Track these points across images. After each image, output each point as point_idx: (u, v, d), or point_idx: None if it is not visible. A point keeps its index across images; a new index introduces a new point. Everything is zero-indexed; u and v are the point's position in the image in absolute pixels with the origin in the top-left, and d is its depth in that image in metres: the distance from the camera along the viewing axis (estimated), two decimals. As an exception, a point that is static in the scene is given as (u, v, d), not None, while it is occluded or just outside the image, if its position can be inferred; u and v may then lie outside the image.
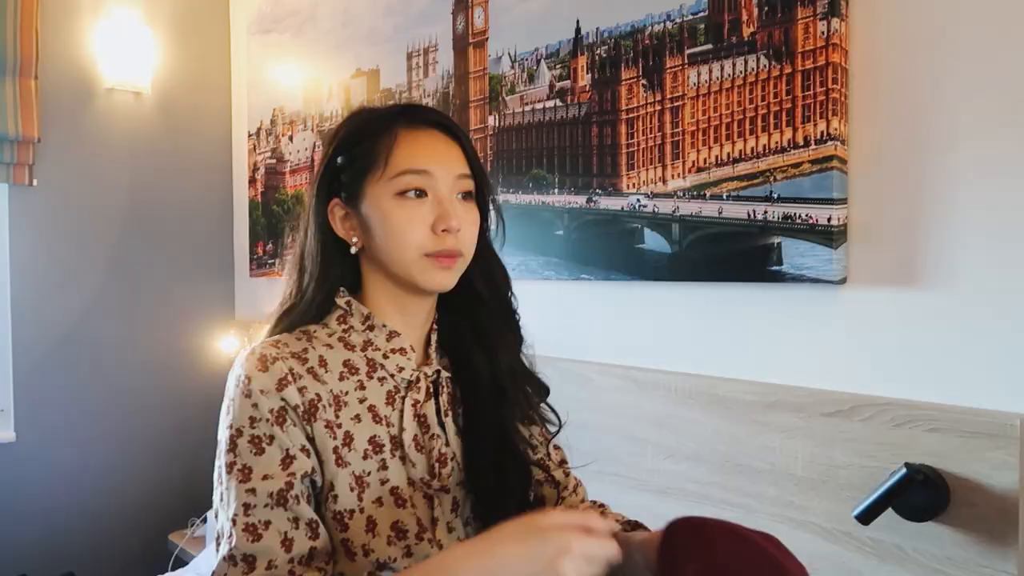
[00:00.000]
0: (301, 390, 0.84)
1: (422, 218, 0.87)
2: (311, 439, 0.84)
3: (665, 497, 1.57)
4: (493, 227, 0.98)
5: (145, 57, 2.76)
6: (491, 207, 0.96)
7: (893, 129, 1.27)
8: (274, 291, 2.80)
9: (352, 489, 0.85)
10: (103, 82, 2.71)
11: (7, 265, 2.56)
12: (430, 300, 0.95)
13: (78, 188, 2.69)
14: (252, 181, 2.91)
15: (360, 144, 0.89)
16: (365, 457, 0.87)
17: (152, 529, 2.80)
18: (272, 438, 0.81)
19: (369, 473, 0.86)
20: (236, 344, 2.87)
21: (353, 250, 0.91)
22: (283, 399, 0.82)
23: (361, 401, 0.88)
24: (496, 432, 0.94)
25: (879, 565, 1.27)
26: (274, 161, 2.79)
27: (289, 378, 0.83)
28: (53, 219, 2.64)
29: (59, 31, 2.63)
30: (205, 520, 2.64)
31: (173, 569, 2.56)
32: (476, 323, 0.97)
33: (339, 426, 0.86)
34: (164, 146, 2.87)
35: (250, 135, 2.91)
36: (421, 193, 0.87)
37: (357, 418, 0.87)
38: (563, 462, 1.08)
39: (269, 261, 2.83)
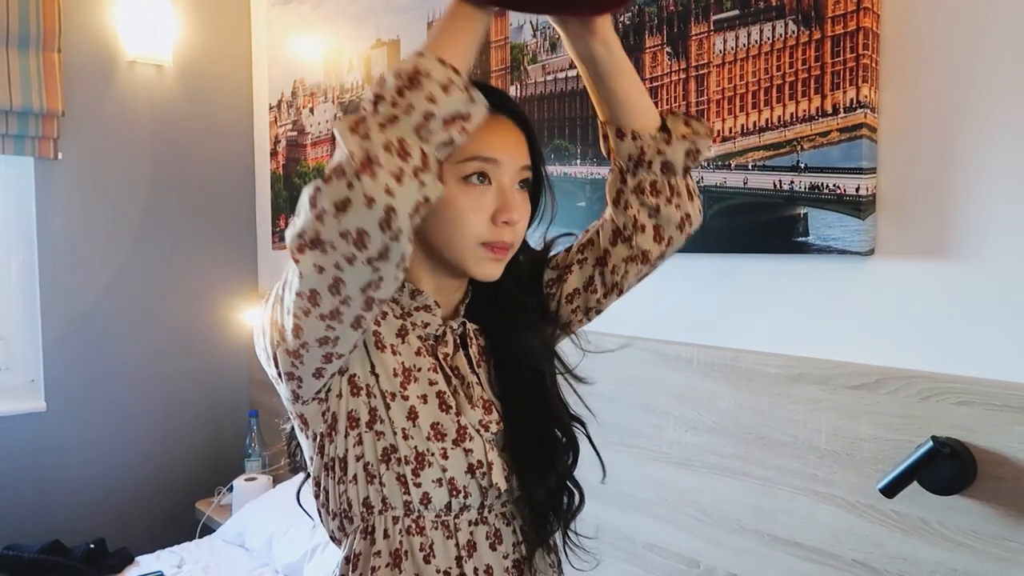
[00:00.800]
0: None
1: (484, 206, 0.86)
2: None
3: (686, 469, 1.57)
4: (538, 218, 0.97)
5: (166, 30, 2.76)
6: (546, 196, 0.96)
7: (925, 96, 1.24)
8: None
9: (396, 375, 0.86)
10: (125, 55, 2.71)
11: (35, 237, 2.60)
12: (464, 276, 0.94)
13: (102, 161, 2.71)
14: (273, 154, 2.92)
15: None
16: (418, 353, 0.88)
17: (180, 497, 2.86)
18: None
19: (419, 369, 0.88)
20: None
21: None
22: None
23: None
24: (537, 409, 0.94)
25: (903, 538, 1.26)
26: (295, 133, 2.79)
27: None
28: (78, 192, 2.66)
29: (81, 4, 2.63)
30: (231, 489, 2.69)
31: (200, 536, 2.62)
32: (509, 302, 0.96)
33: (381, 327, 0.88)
34: (186, 119, 2.88)
35: (271, 107, 2.91)
36: (484, 178, 0.86)
37: (393, 342, 0.88)
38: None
39: (291, 234, 2.83)
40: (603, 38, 0.87)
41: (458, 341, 0.94)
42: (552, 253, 1.02)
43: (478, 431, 0.88)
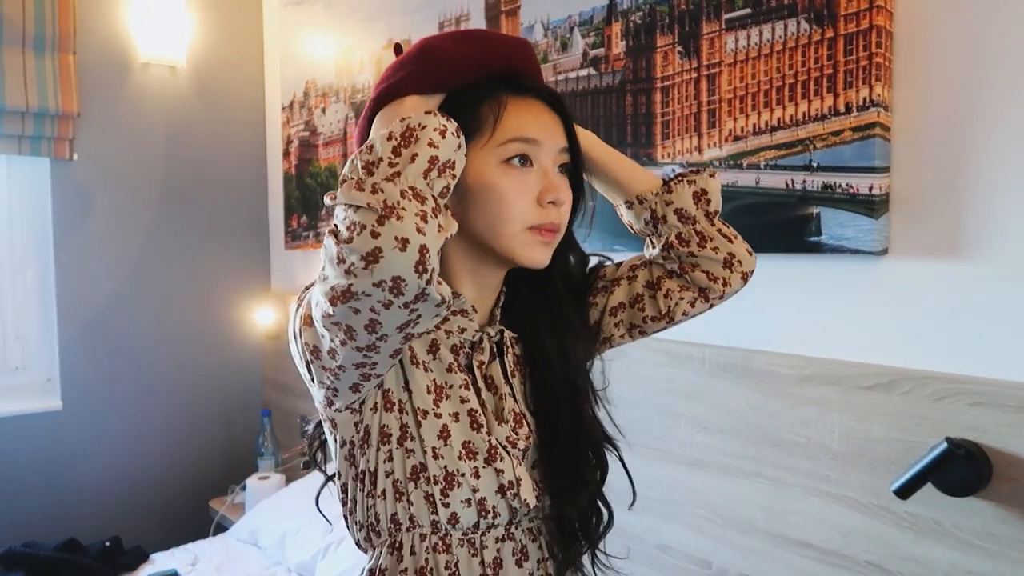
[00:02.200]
0: None
1: (529, 188, 0.84)
2: None
3: (697, 470, 1.57)
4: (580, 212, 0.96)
5: (179, 31, 2.78)
6: (586, 187, 0.95)
7: (938, 95, 1.23)
8: (310, 264, 2.84)
9: (429, 392, 0.85)
10: (139, 56, 2.74)
11: (50, 238, 2.62)
12: (504, 270, 0.92)
13: (117, 162, 2.73)
14: (286, 154, 2.93)
15: (464, 108, 0.85)
16: (449, 370, 0.87)
17: (194, 496, 2.88)
18: None
19: (451, 387, 0.87)
20: (272, 316, 2.92)
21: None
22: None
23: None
24: (570, 423, 0.92)
25: (916, 540, 1.25)
26: (307, 134, 2.80)
27: None
28: (93, 192, 2.68)
29: (96, 6, 2.66)
30: (244, 488, 2.70)
31: (214, 535, 2.63)
32: (550, 307, 0.95)
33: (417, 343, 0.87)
34: (199, 120, 2.90)
35: (283, 108, 2.92)
36: (526, 161, 0.84)
37: (426, 358, 0.87)
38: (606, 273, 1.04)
39: (304, 234, 2.85)
40: (582, 142, 0.92)
41: (494, 349, 0.92)
42: (592, 266, 1.02)
43: (505, 447, 0.87)
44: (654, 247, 0.99)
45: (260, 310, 2.93)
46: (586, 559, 0.97)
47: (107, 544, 2.40)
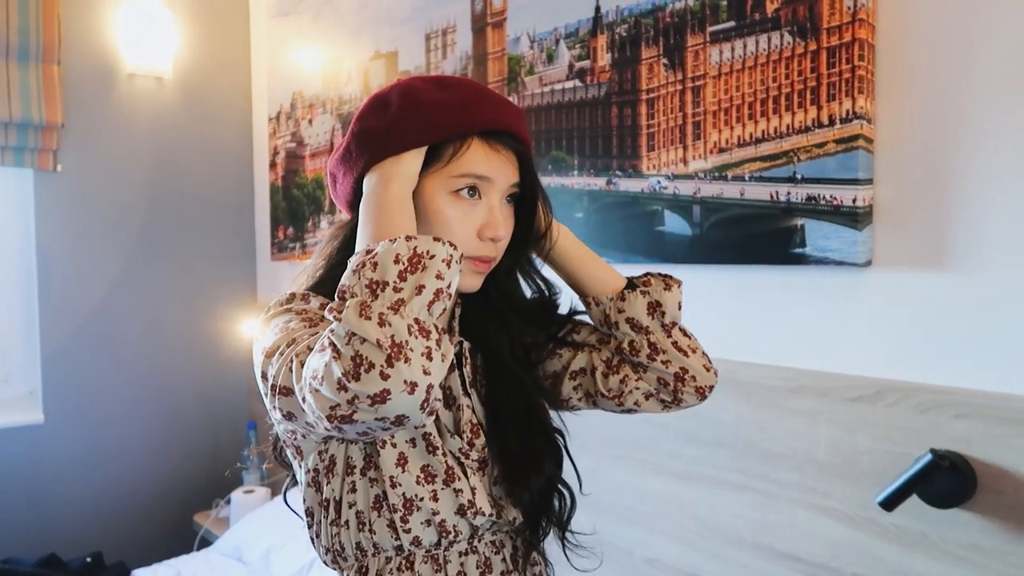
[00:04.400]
0: None
1: (473, 220, 0.86)
2: None
3: (685, 482, 1.56)
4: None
5: (166, 42, 2.77)
6: (540, 212, 0.95)
7: (921, 107, 1.24)
8: (296, 275, 2.82)
9: None
10: (125, 67, 2.72)
11: (33, 249, 2.60)
12: None
13: (101, 173, 2.71)
14: (272, 165, 2.92)
15: None
16: None
17: (178, 510, 2.84)
18: (323, 318, 0.80)
19: None
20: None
21: None
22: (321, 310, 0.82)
23: None
24: (518, 404, 0.94)
25: (902, 552, 1.25)
26: (294, 145, 2.79)
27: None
28: (77, 204, 2.66)
29: (81, 17, 2.64)
30: (229, 502, 2.67)
31: (198, 549, 2.60)
32: (504, 313, 0.97)
33: None
34: (185, 131, 2.88)
35: (270, 119, 2.91)
36: (474, 192, 0.87)
37: None
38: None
39: (290, 245, 2.84)
40: (563, 237, 0.97)
41: (453, 361, 0.93)
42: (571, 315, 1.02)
43: (459, 459, 0.88)
44: (611, 346, 0.98)
45: (246, 322, 2.91)
46: (557, 544, 0.98)
47: (88, 560, 2.37)
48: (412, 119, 0.84)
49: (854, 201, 1.28)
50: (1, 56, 2.42)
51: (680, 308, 0.97)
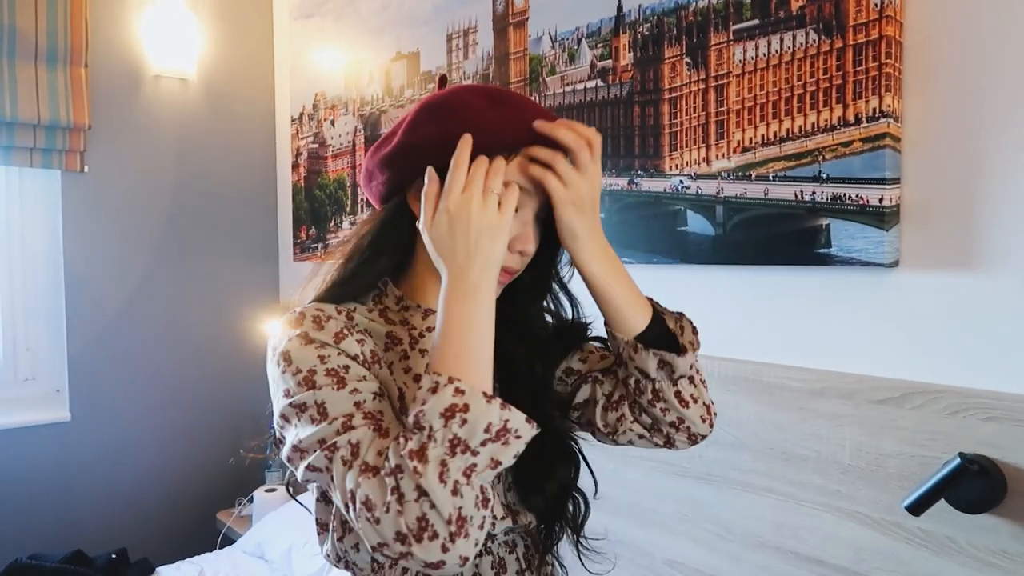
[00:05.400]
0: (359, 341, 0.83)
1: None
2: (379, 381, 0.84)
3: (707, 484, 1.55)
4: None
5: (190, 44, 2.80)
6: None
7: (949, 106, 1.22)
8: (310, 272, 2.83)
9: None
10: (150, 69, 2.75)
11: (60, 249, 2.63)
12: None
13: (127, 174, 2.74)
14: (295, 166, 2.94)
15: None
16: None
17: (201, 508, 2.87)
18: (348, 367, 0.79)
19: None
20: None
21: (420, 224, 0.85)
22: (342, 350, 0.80)
23: (406, 371, 0.88)
24: (530, 411, 0.93)
25: (929, 557, 1.23)
26: (316, 146, 2.81)
27: (345, 331, 0.82)
28: (104, 205, 2.70)
29: (107, 19, 2.68)
30: (252, 500, 2.69)
31: (221, 547, 2.63)
32: (516, 310, 0.96)
33: (396, 377, 0.87)
34: (209, 132, 2.91)
35: (293, 120, 2.93)
36: None
37: (405, 384, 0.88)
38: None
39: (312, 245, 2.85)
40: (588, 260, 0.88)
41: None
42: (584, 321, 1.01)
43: None
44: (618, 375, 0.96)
45: (269, 321, 2.93)
46: (570, 550, 0.98)
47: (113, 556, 2.39)
48: (458, 137, 0.82)
49: (881, 201, 1.26)
50: (30, 59, 2.46)
51: (692, 367, 0.93)
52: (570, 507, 0.96)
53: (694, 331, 0.93)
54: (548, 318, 1.00)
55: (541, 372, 0.96)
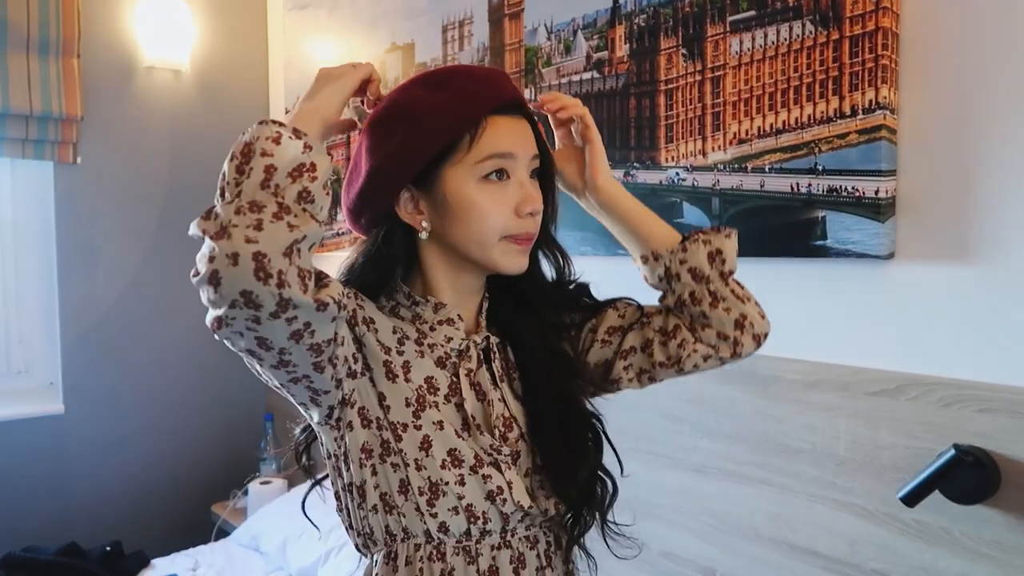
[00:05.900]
0: (359, 306, 0.85)
1: (507, 200, 0.86)
2: (358, 340, 0.85)
3: (702, 476, 1.55)
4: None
5: (183, 35, 2.78)
6: (554, 186, 0.96)
7: (945, 98, 1.22)
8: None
9: (408, 405, 0.86)
10: (143, 60, 2.73)
11: (53, 241, 2.62)
12: (483, 276, 0.94)
13: (120, 165, 2.72)
14: (289, 158, 2.92)
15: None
16: (432, 379, 0.88)
17: (195, 500, 2.87)
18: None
19: (436, 395, 0.87)
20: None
21: (424, 235, 0.89)
22: (332, 298, 0.77)
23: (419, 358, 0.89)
24: (553, 392, 0.93)
25: (924, 548, 1.24)
26: (311, 138, 2.79)
27: (348, 293, 0.84)
28: (97, 196, 2.68)
29: (100, 10, 2.65)
30: (247, 493, 2.69)
31: (216, 539, 2.62)
32: (522, 292, 0.96)
33: (398, 353, 0.87)
34: (203, 123, 2.89)
35: (287, 111, 2.92)
36: (503, 174, 0.87)
37: (407, 367, 0.88)
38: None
39: (307, 238, 2.84)
40: (606, 192, 0.97)
41: (481, 356, 0.93)
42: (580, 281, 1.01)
43: (491, 455, 0.87)
44: (668, 302, 0.97)
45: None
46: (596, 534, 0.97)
47: (108, 549, 2.39)
48: (419, 136, 0.85)
49: (877, 193, 1.27)
50: (22, 49, 2.44)
51: (736, 258, 0.96)
52: (598, 489, 0.95)
53: (723, 227, 0.96)
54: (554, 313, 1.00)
55: (557, 346, 0.96)
